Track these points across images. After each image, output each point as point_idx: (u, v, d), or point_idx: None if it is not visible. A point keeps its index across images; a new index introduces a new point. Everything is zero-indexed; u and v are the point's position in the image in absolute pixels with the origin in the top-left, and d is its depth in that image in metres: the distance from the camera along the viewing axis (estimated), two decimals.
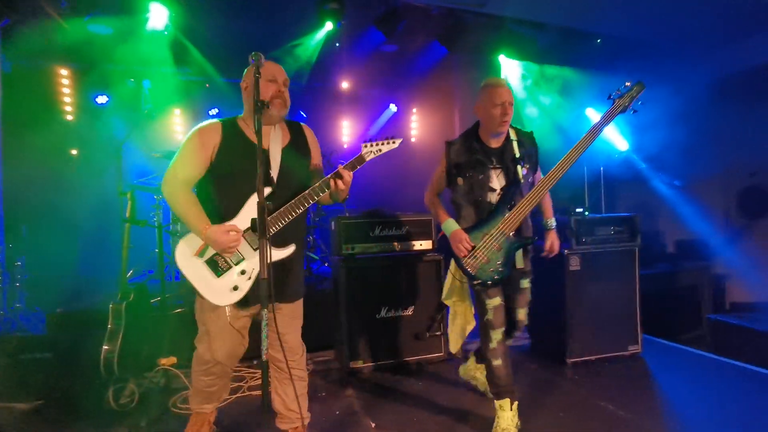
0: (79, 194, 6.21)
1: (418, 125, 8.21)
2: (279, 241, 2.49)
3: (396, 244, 4.55)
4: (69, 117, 6.80)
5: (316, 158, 2.77)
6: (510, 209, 2.93)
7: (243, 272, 2.46)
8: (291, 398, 2.70)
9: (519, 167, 2.96)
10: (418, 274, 4.49)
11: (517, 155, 3.00)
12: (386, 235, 4.58)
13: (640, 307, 4.40)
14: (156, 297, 4.64)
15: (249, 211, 2.46)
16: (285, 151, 2.61)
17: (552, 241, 3.22)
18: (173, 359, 4.25)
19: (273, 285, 2.10)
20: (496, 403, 3.03)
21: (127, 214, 4.41)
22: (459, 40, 6.19)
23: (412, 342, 4.44)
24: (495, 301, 3.00)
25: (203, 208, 2.46)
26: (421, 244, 4.61)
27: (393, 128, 8.14)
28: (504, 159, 3.00)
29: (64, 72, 6.38)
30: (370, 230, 4.55)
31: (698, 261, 5.88)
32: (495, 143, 3.05)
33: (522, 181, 2.97)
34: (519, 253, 3.05)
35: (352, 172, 2.47)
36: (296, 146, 2.67)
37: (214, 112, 6.81)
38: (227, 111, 5.92)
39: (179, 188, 2.46)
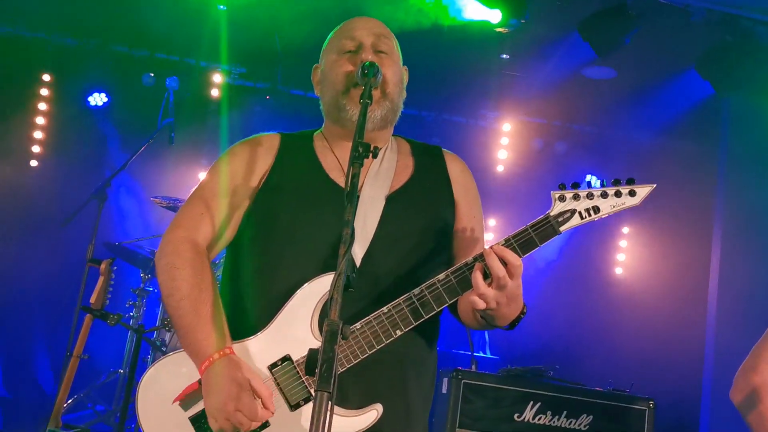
0: (25, 253, 6.39)
1: (631, 231, 7.97)
2: (355, 392, 2.17)
3: None
4: (40, 120, 7.21)
5: (469, 217, 2.50)
6: None
7: None
8: None
9: None
10: None
11: None
12: (548, 425, 4.34)
13: None
14: None
15: (292, 318, 2.21)
16: (393, 200, 2.37)
17: None
18: None
19: None
20: None
21: (92, 300, 4.47)
22: (741, 71, 6.02)
23: None
24: None
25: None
26: None
27: (583, 233, 7.79)
28: None
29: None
30: (516, 406, 4.36)
31: None
32: None
33: None
34: None
35: (521, 256, 2.11)
36: (423, 191, 2.45)
37: None
38: None
39: (184, 256, 2.28)
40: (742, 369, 2.99)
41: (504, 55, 6.78)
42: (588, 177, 8.32)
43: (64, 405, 4.30)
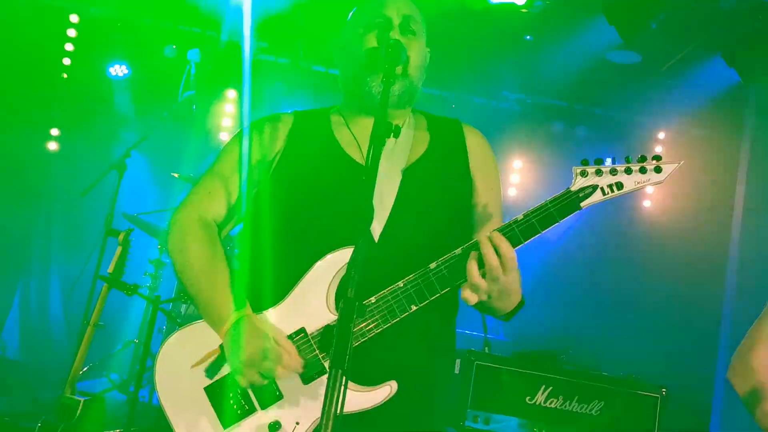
0: (45, 222, 6.44)
1: (650, 216, 7.94)
2: (372, 368, 2.15)
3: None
4: (61, 89, 7.25)
5: (487, 190, 2.48)
6: None
7: (275, 426, 2.17)
8: None
9: None
10: None
11: None
12: (559, 409, 4.35)
13: None
14: (117, 428, 4.61)
15: (308, 291, 2.22)
16: (410, 174, 2.36)
17: None
18: None
19: None
20: None
21: (110, 269, 4.52)
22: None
23: None
24: None
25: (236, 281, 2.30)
26: None
27: (601, 218, 7.83)
28: None
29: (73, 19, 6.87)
30: (527, 389, 4.39)
31: None
32: None
33: None
34: None
35: (540, 232, 2.08)
36: (438, 162, 2.44)
37: None
38: None
39: (193, 233, 2.34)
40: (739, 351, 2.96)
41: (528, 37, 6.72)
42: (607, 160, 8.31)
43: (80, 372, 4.33)
